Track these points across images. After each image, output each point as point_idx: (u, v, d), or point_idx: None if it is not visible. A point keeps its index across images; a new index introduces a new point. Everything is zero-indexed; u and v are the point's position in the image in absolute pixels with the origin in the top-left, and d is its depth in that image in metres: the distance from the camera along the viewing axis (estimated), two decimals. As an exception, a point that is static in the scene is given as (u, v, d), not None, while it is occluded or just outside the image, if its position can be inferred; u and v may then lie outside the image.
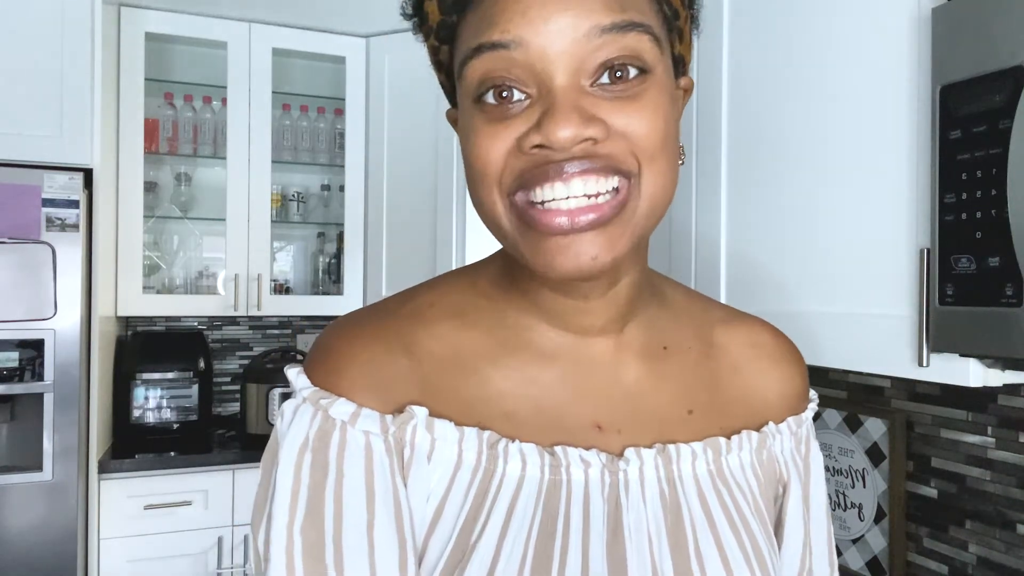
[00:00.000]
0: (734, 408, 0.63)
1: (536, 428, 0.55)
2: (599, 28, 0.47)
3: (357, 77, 2.78)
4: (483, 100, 0.49)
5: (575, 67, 0.47)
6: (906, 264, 0.94)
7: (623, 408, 0.58)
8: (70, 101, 2.15)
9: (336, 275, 2.90)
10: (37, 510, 2.03)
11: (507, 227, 0.51)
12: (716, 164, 1.25)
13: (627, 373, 0.59)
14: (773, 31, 1.15)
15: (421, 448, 0.52)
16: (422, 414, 0.52)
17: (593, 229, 0.48)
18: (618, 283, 0.57)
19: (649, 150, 0.48)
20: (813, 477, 0.66)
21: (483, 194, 0.51)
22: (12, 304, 2.01)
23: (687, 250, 1.32)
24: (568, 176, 0.47)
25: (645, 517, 0.55)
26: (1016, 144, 0.77)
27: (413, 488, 0.52)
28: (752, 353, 0.66)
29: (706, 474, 0.58)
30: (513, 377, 0.56)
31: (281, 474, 0.51)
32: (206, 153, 2.72)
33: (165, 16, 2.55)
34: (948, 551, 1.27)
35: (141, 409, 2.47)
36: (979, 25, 0.82)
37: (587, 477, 0.54)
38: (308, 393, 0.53)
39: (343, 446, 0.51)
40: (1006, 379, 0.89)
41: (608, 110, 0.48)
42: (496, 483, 0.53)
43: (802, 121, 1.10)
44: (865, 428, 1.38)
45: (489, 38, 0.48)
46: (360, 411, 0.52)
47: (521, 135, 0.48)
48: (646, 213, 0.50)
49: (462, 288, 0.60)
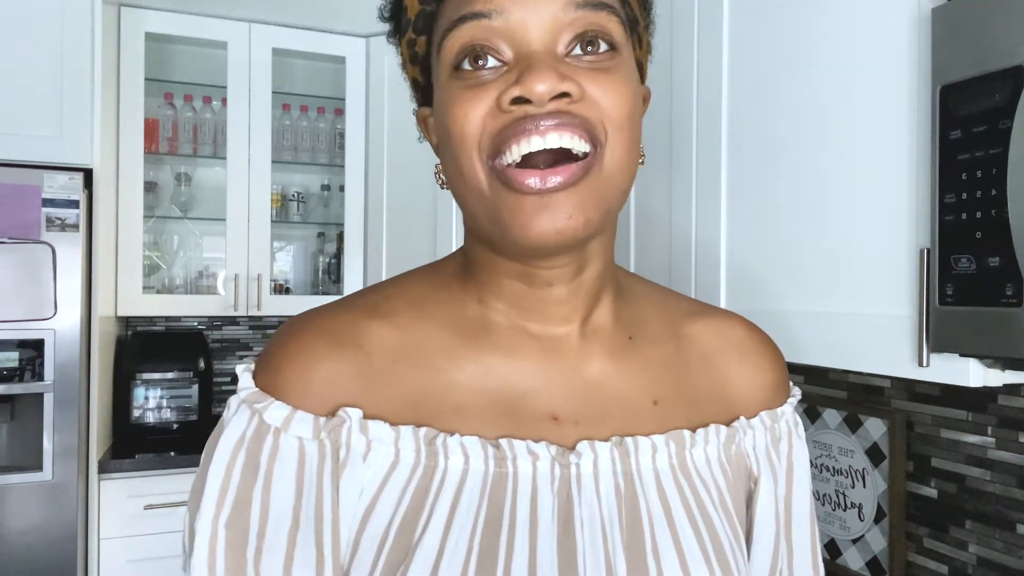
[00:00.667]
0: (703, 401, 0.62)
1: (487, 420, 0.55)
2: (573, 3, 0.50)
3: (357, 77, 2.78)
4: (460, 68, 0.51)
5: (552, 37, 0.50)
6: (906, 264, 0.94)
7: (582, 399, 0.57)
8: (70, 101, 2.15)
9: (336, 275, 2.90)
10: (37, 510, 2.03)
11: (487, 192, 0.51)
12: (716, 164, 1.25)
13: (590, 364, 0.59)
14: (773, 31, 1.15)
15: (356, 449, 0.53)
16: (356, 416, 0.53)
17: (564, 189, 0.49)
18: (584, 271, 0.57)
19: (617, 120, 0.51)
20: (796, 476, 0.65)
21: (463, 161, 0.51)
22: (12, 304, 2.01)
23: (687, 250, 1.32)
24: (544, 129, 0.49)
25: (599, 511, 0.54)
26: (1016, 144, 0.77)
27: (347, 488, 0.52)
28: (722, 345, 0.64)
29: (667, 468, 0.57)
30: (468, 369, 0.56)
31: (214, 468, 0.53)
32: (206, 153, 2.72)
33: (165, 16, 2.55)
34: (948, 551, 1.27)
35: (141, 409, 2.47)
36: (979, 25, 0.82)
37: (535, 470, 0.54)
38: (245, 395, 0.55)
39: (275, 451, 0.52)
40: (1006, 379, 0.89)
41: (582, 76, 0.50)
42: (439, 479, 0.53)
43: (802, 121, 1.10)
44: (865, 428, 1.38)
45: (471, 9, 0.50)
46: (294, 415, 0.53)
47: (499, 93, 0.50)
48: (608, 183, 0.51)
49: (423, 281, 0.61)
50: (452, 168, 0.53)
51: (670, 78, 1.35)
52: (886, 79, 0.97)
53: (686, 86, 1.31)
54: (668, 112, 1.36)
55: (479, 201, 0.52)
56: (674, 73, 1.34)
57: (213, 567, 0.50)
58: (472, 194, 0.52)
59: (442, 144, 0.54)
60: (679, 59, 1.33)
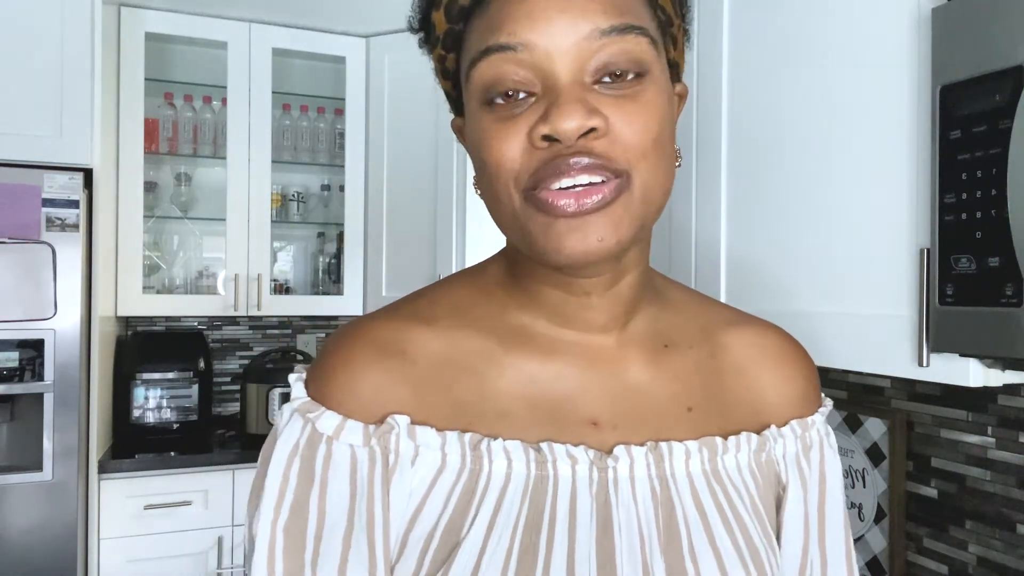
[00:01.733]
0: (735, 409, 0.63)
1: (529, 425, 0.56)
2: (599, 31, 0.50)
3: (357, 77, 2.78)
4: (492, 102, 0.52)
5: (578, 66, 0.50)
6: (906, 264, 0.94)
7: (621, 405, 0.59)
8: (70, 101, 2.15)
9: (336, 275, 2.90)
10: (37, 510, 2.03)
11: (521, 217, 0.52)
12: (716, 164, 1.25)
13: (627, 370, 0.60)
14: (773, 31, 1.15)
15: (405, 454, 0.54)
16: (403, 423, 0.55)
17: (597, 211, 0.50)
18: (621, 280, 0.58)
19: (641, 148, 0.51)
20: (829, 486, 0.65)
21: (500, 191, 0.53)
22: (12, 304, 2.01)
23: (687, 250, 1.32)
24: (575, 173, 0.50)
25: (636, 514, 0.55)
26: (1016, 144, 0.77)
27: (396, 491, 0.54)
28: (756, 354, 0.65)
29: (700, 473, 0.58)
30: (510, 375, 0.58)
31: (271, 474, 0.55)
32: (206, 153, 2.72)
33: (165, 16, 2.55)
34: (948, 551, 1.27)
35: (141, 409, 2.47)
36: (979, 25, 0.82)
37: (574, 473, 0.55)
38: (298, 404, 0.56)
39: (328, 458, 0.54)
40: (1006, 379, 0.89)
41: (608, 106, 0.50)
42: (483, 482, 0.54)
43: (802, 121, 1.10)
44: (865, 428, 1.38)
45: (496, 41, 0.51)
46: (345, 423, 0.55)
47: (530, 128, 0.50)
48: (642, 200, 0.52)
49: (465, 286, 0.62)
50: (487, 192, 0.55)
51: (670, 78, 1.35)
52: (886, 79, 0.97)
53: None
54: (668, 112, 1.35)
55: (512, 223, 0.54)
56: (674, 73, 1.34)
57: (272, 570, 0.53)
58: (506, 218, 0.54)
59: (478, 169, 0.56)
60: (679, 59, 1.33)
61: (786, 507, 0.63)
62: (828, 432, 0.67)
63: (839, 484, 0.66)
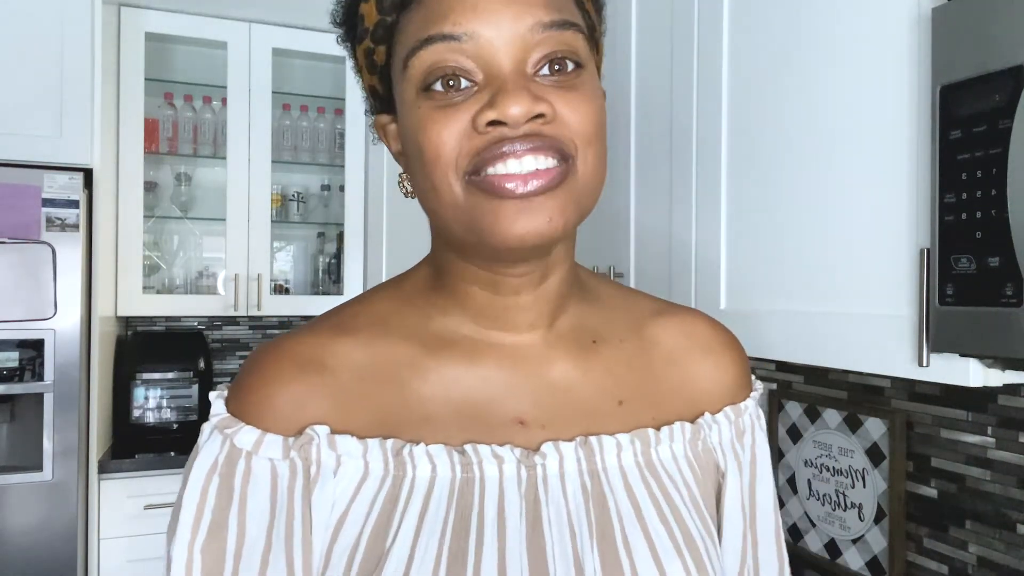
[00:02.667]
0: (668, 399, 0.63)
1: (454, 429, 0.56)
2: (540, 24, 0.51)
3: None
4: (431, 89, 0.52)
5: (521, 56, 0.51)
6: (906, 264, 0.94)
7: (548, 403, 0.59)
8: (70, 101, 2.15)
9: (336, 275, 2.90)
10: (37, 510, 2.03)
11: (464, 204, 0.52)
12: (715, 165, 1.25)
13: (555, 368, 0.60)
14: (772, 32, 1.15)
15: (327, 465, 0.54)
16: (323, 433, 0.54)
17: (545, 193, 0.50)
18: (549, 277, 0.58)
19: (586, 135, 0.52)
20: (760, 468, 0.66)
21: (437, 178, 0.52)
22: (12, 304, 2.01)
23: (687, 250, 1.32)
24: (521, 153, 0.50)
25: (566, 510, 0.55)
26: (1016, 144, 0.77)
27: (319, 502, 0.54)
28: (686, 343, 0.65)
29: (633, 465, 0.58)
30: (434, 380, 0.58)
31: (189, 492, 0.54)
32: (206, 153, 2.72)
33: (165, 16, 2.55)
34: (948, 551, 1.27)
35: (141, 409, 2.47)
36: (979, 25, 0.82)
37: (501, 473, 0.55)
38: (217, 420, 0.56)
39: (248, 473, 0.54)
40: (1006, 379, 0.89)
41: (552, 95, 0.51)
42: (407, 488, 0.54)
43: (801, 121, 1.10)
44: (865, 428, 1.38)
45: (440, 30, 0.51)
46: (264, 438, 0.54)
47: (474, 115, 0.50)
48: (584, 187, 0.53)
49: (387, 297, 0.62)
50: (423, 183, 0.54)
51: (670, 78, 1.35)
52: (886, 79, 0.97)
53: (686, 86, 1.31)
54: (668, 113, 1.36)
55: (453, 212, 0.53)
56: (674, 73, 1.34)
57: None
58: (446, 207, 0.53)
59: (412, 160, 0.55)
60: (679, 59, 1.33)
61: (727, 493, 0.63)
62: (759, 415, 0.68)
63: (769, 466, 0.67)
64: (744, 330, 1.11)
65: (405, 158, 0.58)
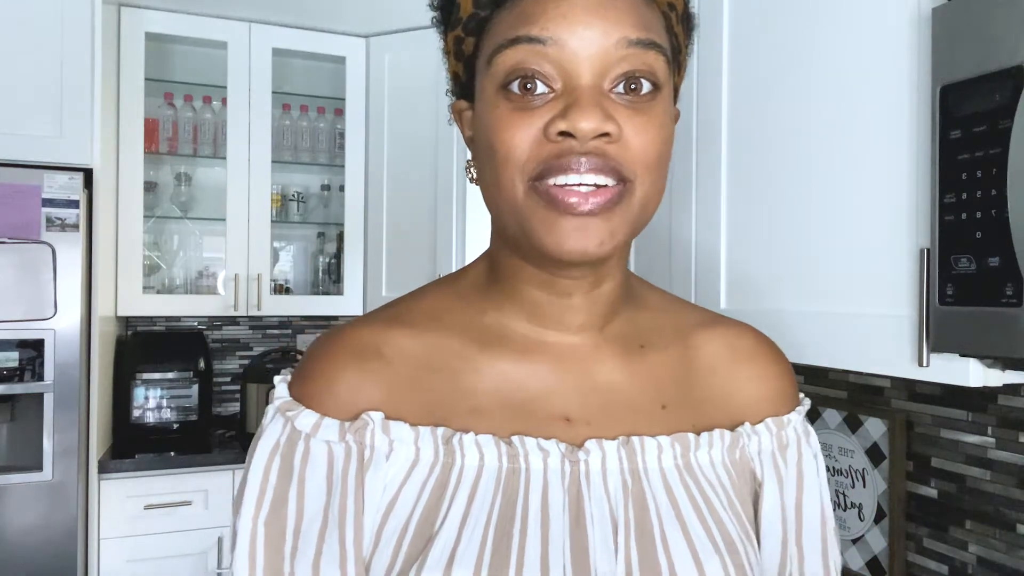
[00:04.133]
0: (709, 407, 0.64)
1: (501, 421, 0.58)
2: (627, 40, 0.52)
3: (357, 77, 2.78)
4: (509, 89, 0.53)
5: (601, 71, 0.52)
6: (906, 264, 0.94)
7: (594, 402, 0.60)
8: (70, 101, 2.15)
9: (336, 275, 2.90)
10: (37, 510, 2.03)
11: (524, 208, 0.54)
12: (716, 165, 1.25)
13: (602, 369, 0.61)
14: (773, 32, 1.15)
15: (380, 449, 0.57)
16: (378, 418, 0.57)
17: (600, 214, 0.52)
18: (602, 283, 0.60)
19: (647, 161, 0.54)
20: (806, 484, 0.66)
21: (505, 177, 0.54)
22: (12, 304, 2.01)
23: (687, 249, 1.32)
24: (583, 170, 0.52)
25: (608, 507, 0.56)
26: (1016, 144, 0.77)
27: (371, 485, 0.56)
28: (730, 355, 0.67)
29: (673, 468, 0.59)
30: (484, 373, 0.60)
31: (253, 470, 0.57)
32: (206, 153, 2.72)
33: (165, 16, 2.55)
34: (948, 551, 1.27)
35: (141, 409, 2.47)
36: (979, 25, 0.82)
37: (546, 466, 0.57)
38: (279, 403, 0.59)
39: (306, 455, 0.57)
40: (1006, 379, 0.89)
41: (622, 115, 0.53)
42: (456, 475, 0.56)
43: (802, 121, 1.10)
44: (865, 428, 1.38)
45: (528, 32, 0.52)
46: (322, 421, 0.57)
47: (547, 122, 0.52)
48: (639, 212, 0.55)
49: (442, 293, 0.65)
50: (490, 178, 0.56)
51: (670, 78, 1.35)
52: (886, 79, 0.97)
53: (686, 86, 1.31)
54: (668, 112, 1.36)
55: (513, 212, 0.55)
56: (674, 73, 1.34)
57: (254, 562, 0.55)
58: (507, 205, 0.55)
59: (482, 154, 0.57)
60: (679, 59, 1.33)
61: (763, 503, 0.63)
62: (807, 432, 0.67)
63: (817, 483, 0.67)
64: (744, 330, 1.11)
65: (475, 147, 0.59)
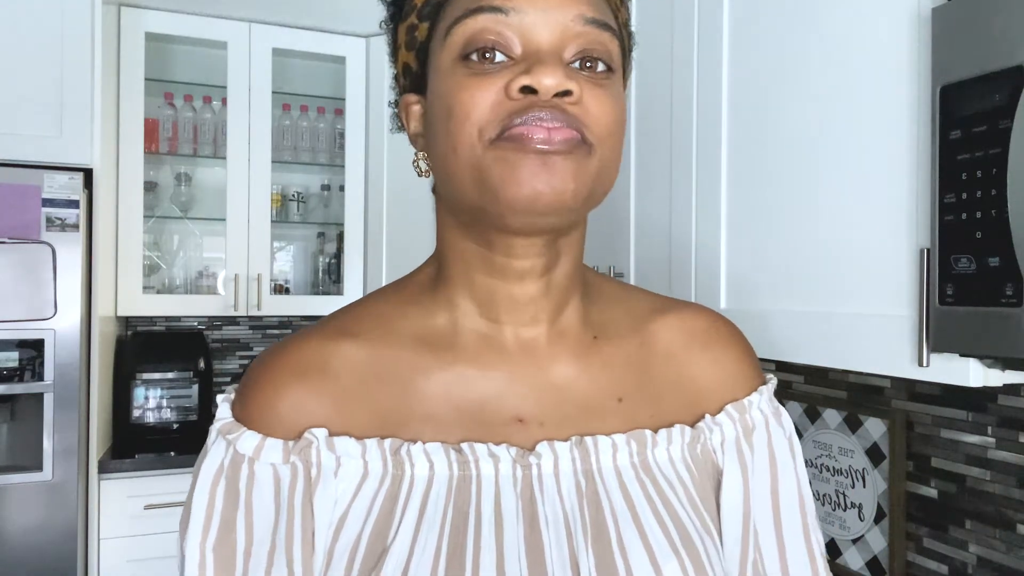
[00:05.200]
0: (667, 397, 0.62)
1: (453, 427, 0.57)
2: (583, 18, 0.53)
3: (357, 77, 2.78)
4: (468, 58, 0.53)
5: (560, 42, 0.53)
6: (906, 264, 0.94)
7: (548, 401, 0.59)
8: (70, 101, 2.15)
9: (336, 275, 2.90)
10: (37, 510, 2.03)
11: (482, 161, 0.52)
12: (716, 165, 1.25)
13: (555, 365, 0.60)
14: (773, 32, 1.15)
15: (327, 466, 0.55)
16: (322, 435, 0.56)
17: (564, 154, 0.51)
18: (555, 266, 0.58)
19: (607, 127, 0.53)
20: (779, 466, 0.64)
21: (462, 137, 0.52)
22: (12, 304, 2.01)
23: (687, 250, 1.32)
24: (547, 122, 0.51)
25: (562, 509, 0.55)
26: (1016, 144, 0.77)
27: (321, 504, 0.55)
28: (684, 339, 0.65)
29: (629, 466, 0.58)
30: (436, 378, 0.58)
31: (198, 493, 0.56)
32: (206, 153, 2.72)
33: (165, 16, 2.55)
34: (948, 551, 1.27)
35: (141, 409, 2.47)
36: (979, 25, 0.82)
37: (497, 472, 0.56)
38: (221, 425, 0.58)
39: (251, 478, 0.56)
40: (1006, 379, 0.89)
41: (582, 84, 0.52)
42: (406, 486, 0.55)
43: (802, 121, 1.10)
44: (865, 428, 1.38)
45: (490, 2, 0.53)
46: (264, 443, 0.56)
47: (507, 81, 0.52)
48: (597, 173, 0.53)
49: (390, 299, 0.63)
50: (444, 145, 0.54)
51: (670, 78, 1.35)
52: (886, 79, 0.97)
53: (686, 86, 1.31)
54: (668, 112, 1.36)
55: (470, 172, 0.52)
56: (674, 73, 1.34)
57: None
58: (463, 167, 0.53)
59: (437, 126, 0.55)
60: (679, 59, 1.33)
61: (723, 493, 0.62)
62: (777, 411, 0.66)
63: (791, 463, 0.65)
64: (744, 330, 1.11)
65: (426, 130, 0.58)
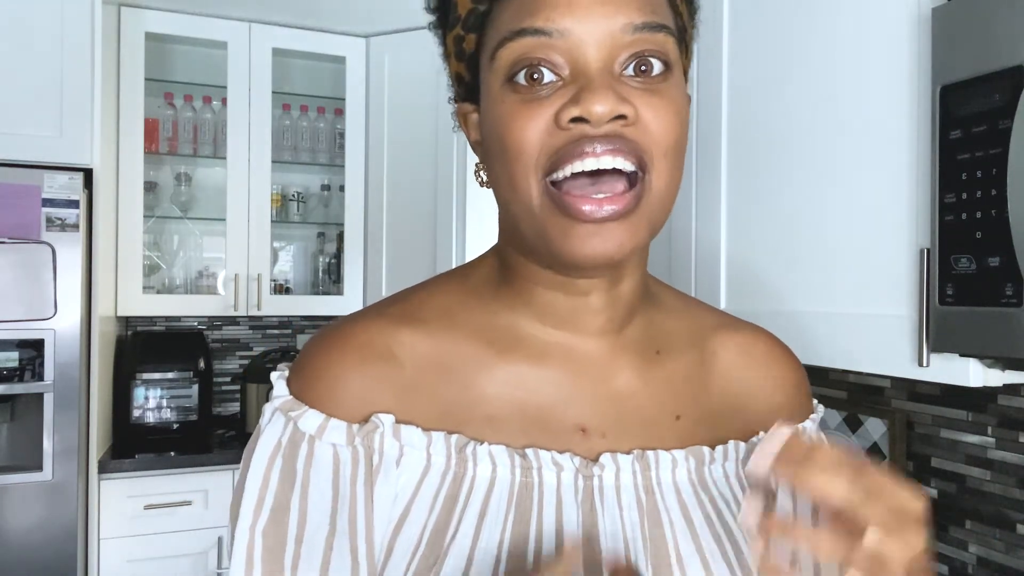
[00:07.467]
0: (723, 417, 0.62)
1: (516, 430, 0.56)
2: (632, 25, 0.51)
3: (357, 77, 2.78)
4: (515, 81, 0.52)
5: (609, 56, 0.51)
6: (906, 264, 0.94)
7: (610, 412, 0.58)
8: (70, 101, 2.15)
9: (336, 275, 2.90)
10: (37, 510, 2.03)
11: (537, 210, 0.52)
12: (716, 164, 1.25)
13: (618, 376, 0.59)
14: (773, 32, 1.15)
15: (389, 454, 0.54)
16: (388, 422, 0.54)
17: (618, 219, 0.50)
18: (621, 282, 0.58)
19: (665, 146, 0.52)
20: None
21: (518, 175, 0.52)
22: (12, 304, 2.01)
23: (687, 250, 1.32)
24: (601, 154, 0.50)
25: (621, 522, 0.55)
26: (1016, 144, 0.77)
27: (381, 492, 0.53)
28: (744, 361, 0.65)
29: (687, 482, 0.58)
30: (499, 379, 0.57)
31: (252, 474, 0.54)
32: (206, 153, 2.72)
33: (165, 16, 2.55)
34: (948, 551, 1.27)
35: (141, 409, 2.47)
36: (979, 25, 0.82)
37: (559, 480, 0.55)
38: (280, 403, 0.56)
39: (310, 458, 0.53)
40: (1006, 379, 0.89)
41: (636, 98, 0.51)
42: (467, 486, 0.54)
43: (802, 121, 1.10)
44: (865, 428, 1.38)
45: (532, 24, 0.51)
46: (328, 423, 0.54)
47: (557, 111, 0.50)
48: (656, 207, 0.53)
49: (453, 287, 0.62)
50: (503, 177, 0.53)
51: (670, 78, 1.35)
52: (886, 79, 0.97)
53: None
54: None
55: (528, 216, 0.52)
56: (674, 73, 1.34)
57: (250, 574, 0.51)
58: (522, 208, 0.53)
59: (492, 152, 0.54)
60: (679, 59, 1.33)
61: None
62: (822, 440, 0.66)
63: None
64: (744, 330, 1.11)
65: (483, 149, 0.57)
